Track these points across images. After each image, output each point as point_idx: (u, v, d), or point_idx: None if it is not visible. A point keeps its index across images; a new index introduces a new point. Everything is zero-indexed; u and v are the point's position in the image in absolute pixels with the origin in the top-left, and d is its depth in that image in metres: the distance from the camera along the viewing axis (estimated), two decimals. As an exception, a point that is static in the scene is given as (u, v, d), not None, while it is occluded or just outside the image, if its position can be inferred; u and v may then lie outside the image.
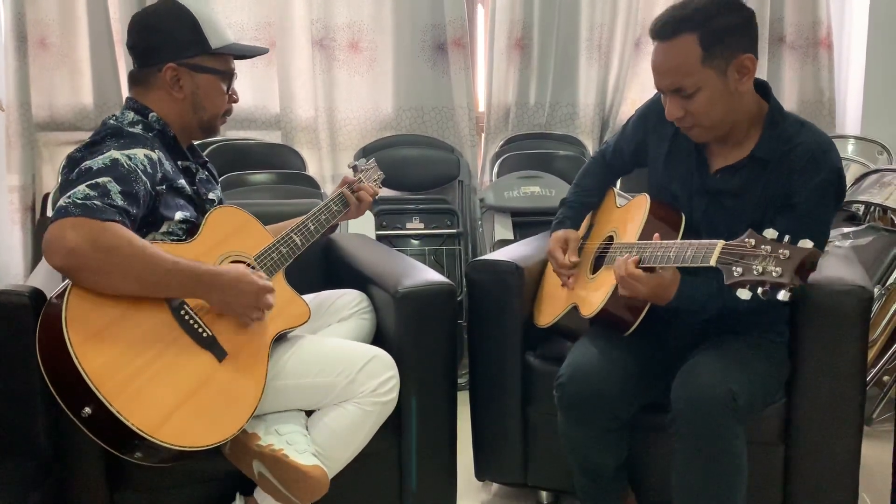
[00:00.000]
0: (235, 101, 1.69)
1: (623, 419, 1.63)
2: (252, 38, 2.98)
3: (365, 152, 2.96)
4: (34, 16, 2.77)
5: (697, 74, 1.46)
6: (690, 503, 1.52)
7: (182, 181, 1.57)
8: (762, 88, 1.58)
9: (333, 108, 3.06)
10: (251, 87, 3.03)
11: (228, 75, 1.64)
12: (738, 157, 1.58)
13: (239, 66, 2.98)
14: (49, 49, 2.82)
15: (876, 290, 2.49)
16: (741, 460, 1.49)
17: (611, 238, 1.74)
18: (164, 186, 1.51)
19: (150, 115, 1.58)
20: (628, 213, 1.72)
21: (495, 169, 3.09)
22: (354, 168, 1.92)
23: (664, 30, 1.48)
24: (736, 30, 1.47)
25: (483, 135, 3.22)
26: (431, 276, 1.78)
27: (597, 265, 1.73)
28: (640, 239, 1.59)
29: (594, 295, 1.66)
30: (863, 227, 2.49)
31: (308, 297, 1.71)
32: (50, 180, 2.88)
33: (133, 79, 1.62)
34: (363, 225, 2.75)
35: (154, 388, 1.34)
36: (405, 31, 3.05)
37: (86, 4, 2.80)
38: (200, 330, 1.44)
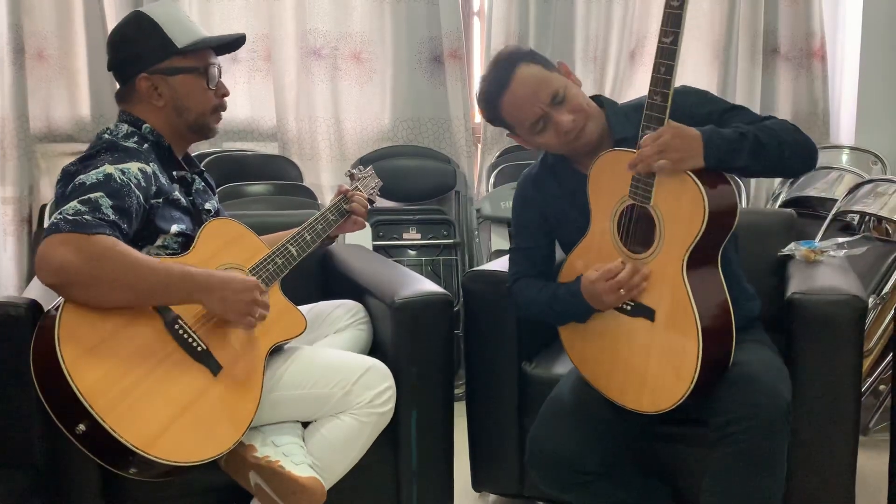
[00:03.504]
0: (225, 94, 1.64)
1: (592, 471, 1.59)
2: (248, 50, 2.99)
3: (362, 163, 2.97)
4: (31, 27, 2.78)
5: (554, 77, 1.58)
6: None
7: (177, 193, 1.57)
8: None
9: (330, 119, 3.06)
10: (248, 98, 3.04)
11: (206, 70, 1.59)
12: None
13: (235, 78, 3.05)
14: (46, 61, 2.83)
15: (871, 300, 2.50)
16: (784, 472, 1.48)
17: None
18: (159, 199, 1.51)
19: (144, 126, 1.57)
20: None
21: (492, 179, 3.10)
22: (351, 176, 1.91)
23: (510, 68, 1.58)
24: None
25: (479, 146, 3.23)
26: (428, 286, 1.79)
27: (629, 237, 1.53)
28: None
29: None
30: (857, 237, 2.50)
31: (304, 308, 1.71)
32: (48, 192, 2.88)
33: (118, 97, 1.62)
34: (360, 235, 2.75)
35: (148, 403, 1.33)
36: (402, 43, 3.07)
37: (83, 16, 2.81)
38: (195, 343, 1.44)
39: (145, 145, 1.56)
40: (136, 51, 1.56)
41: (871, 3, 3.34)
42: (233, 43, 1.67)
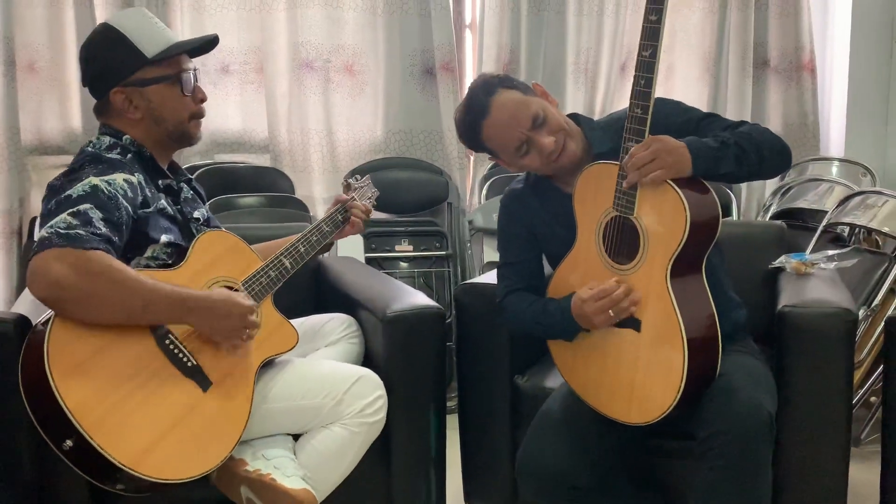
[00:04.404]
0: (203, 99, 1.61)
1: (583, 485, 1.59)
2: (240, 63, 2.99)
3: (355, 174, 2.97)
4: (23, 40, 2.78)
5: (532, 101, 1.59)
6: None
7: (164, 202, 1.56)
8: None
9: (323, 131, 3.07)
10: (240, 110, 3.04)
11: (179, 78, 1.56)
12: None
13: (227, 90, 3.05)
14: (38, 73, 2.82)
15: (862, 312, 2.51)
16: (769, 483, 1.49)
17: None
18: (147, 209, 1.50)
19: (124, 137, 1.56)
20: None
21: (484, 191, 3.11)
22: (347, 185, 1.90)
23: (487, 96, 1.60)
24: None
25: (471, 157, 3.24)
26: (420, 299, 1.78)
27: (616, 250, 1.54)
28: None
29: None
30: (848, 249, 2.51)
31: (296, 322, 1.70)
32: (38, 204, 2.85)
33: (96, 111, 1.60)
34: (352, 248, 2.76)
35: (136, 419, 1.33)
36: (394, 55, 3.08)
37: (74, 29, 2.81)
38: (185, 359, 1.43)
39: (128, 156, 1.55)
40: (107, 65, 1.54)
41: (859, 16, 3.37)
42: (206, 44, 1.63)
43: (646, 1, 1.44)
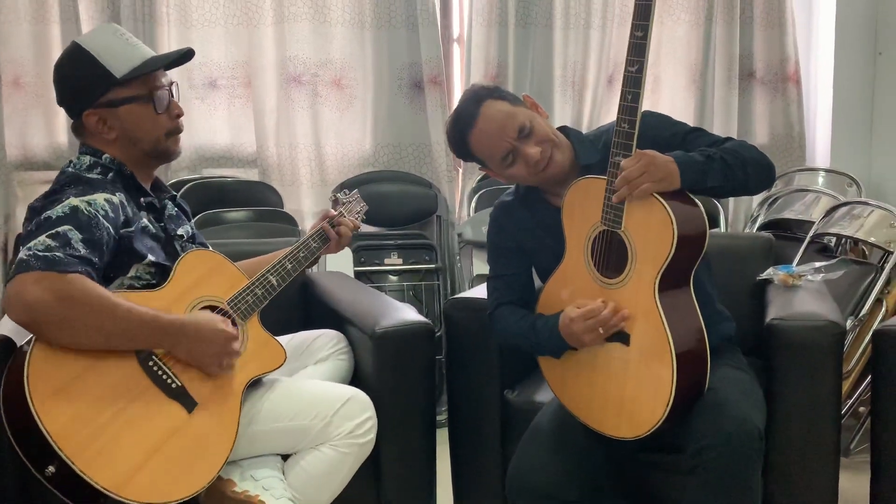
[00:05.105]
0: (179, 114, 1.57)
1: (573, 501, 1.58)
2: (228, 77, 2.99)
3: (343, 188, 2.96)
4: (8, 55, 2.77)
5: (520, 111, 1.61)
6: None
7: (146, 220, 1.54)
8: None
9: (311, 145, 3.06)
10: (228, 124, 3.03)
11: (151, 96, 1.53)
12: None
13: (215, 104, 3.04)
14: (23, 88, 2.81)
15: (849, 322, 2.52)
16: (758, 497, 1.49)
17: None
18: (130, 229, 1.49)
19: (104, 156, 1.54)
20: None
21: (473, 203, 3.11)
22: (335, 200, 1.89)
23: (476, 106, 1.61)
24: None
25: (460, 170, 3.25)
26: (409, 315, 1.78)
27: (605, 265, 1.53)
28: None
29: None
30: (834, 261, 2.53)
31: (284, 339, 1.69)
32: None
33: (74, 131, 1.58)
34: (341, 261, 2.75)
35: (120, 443, 1.31)
36: (382, 69, 3.08)
37: (60, 44, 2.79)
38: (169, 380, 1.42)
39: (109, 175, 1.53)
40: (77, 86, 1.52)
41: (842, 28, 3.41)
42: (181, 57, 1.60)
43: (632, 17, 1.45)
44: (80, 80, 1.52)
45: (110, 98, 1.51)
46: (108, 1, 2.82)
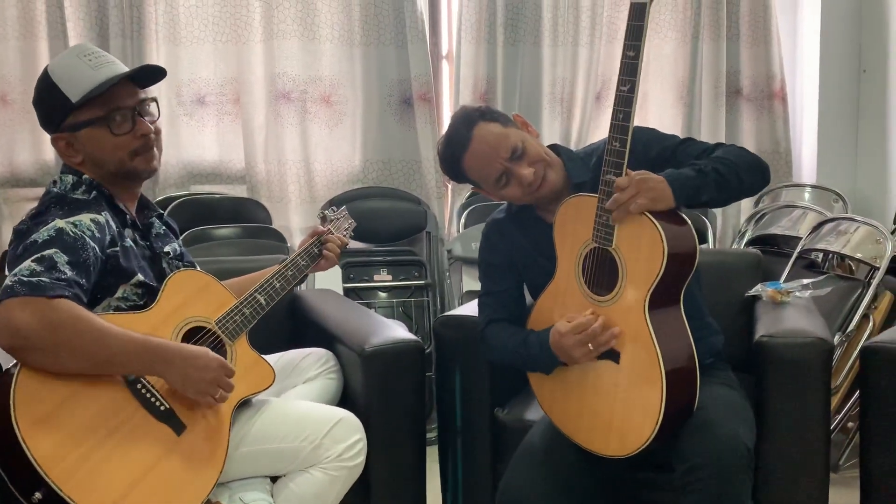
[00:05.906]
0: (145, 132, 1.51)
1: None
2: (217, 94, 2.99)
3: (332, 205, 2.96)
4: (-5, 72, 2.76)
5: (511, 133, 1.61)
6: None
7: (130, 241, 1.53)
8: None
9: (300, 161, 3.06)
10: (216, 141, 3.03)
11: (109, 118, 1.48)
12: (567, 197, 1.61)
13: (204, 121, 3.03)
14: (10, 105, 2.80)
15: (837, 338, 2.54)
16: None
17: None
18: (116, 248, 1.47)
19: (84, 177, 1.53)
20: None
21: (462, 220, 3.11)
22: (323, 218, 1.88)
23: (468, 129, 1.62)
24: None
25: (450, 186, 3.25)
26: (398, 333, 1.77)
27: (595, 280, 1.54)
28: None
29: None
30: (822, 277, 2.54)
31: (272, 358, 1.68)
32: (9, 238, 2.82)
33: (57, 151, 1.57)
34: (330, 278, 2.74)
35: (108, 468, 1.29)
36: (372, 86, 3.09)
37: (47, 60, 2.78)
38: (157, 403, 1.40)
39: (93, 194, 1.52)
40: (43, 112, 1.53)
41: (827, 46, 3.45)
42: (150, 75, 1.55)
43: (624, 38, 1.46)
44: (45, 104, 1.52)
45: (70, 122, 1.50)
46: (97, 18, 2.82)
